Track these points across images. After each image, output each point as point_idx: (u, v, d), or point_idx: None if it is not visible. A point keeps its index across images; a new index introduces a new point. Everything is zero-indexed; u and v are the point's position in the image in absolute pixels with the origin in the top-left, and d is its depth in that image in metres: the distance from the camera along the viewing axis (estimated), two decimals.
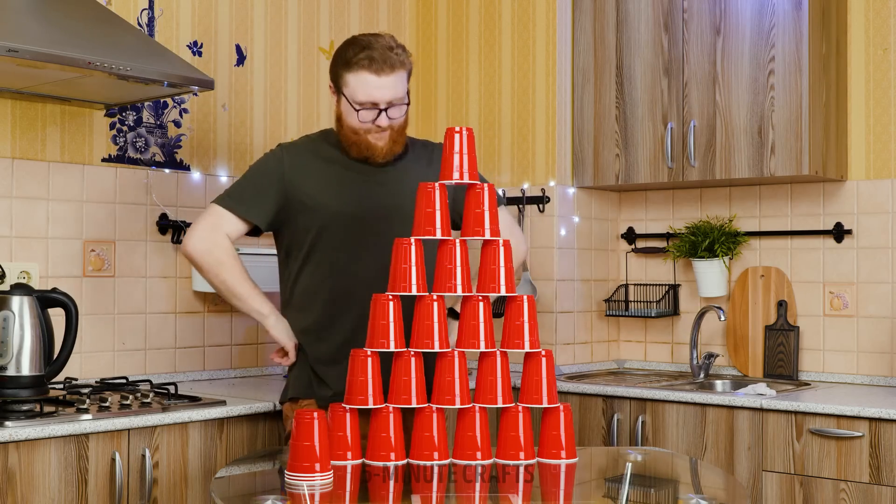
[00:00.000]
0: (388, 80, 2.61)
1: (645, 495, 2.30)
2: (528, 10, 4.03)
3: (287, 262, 2.79)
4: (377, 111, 2.62)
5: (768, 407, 3.11)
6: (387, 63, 2.60)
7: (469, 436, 2.29)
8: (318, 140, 2.81)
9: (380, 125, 2.64)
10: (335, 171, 2.73)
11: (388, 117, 2.64)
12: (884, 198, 3.54)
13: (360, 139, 2.67)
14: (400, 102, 2.65)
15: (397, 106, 2.65)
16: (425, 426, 2.27)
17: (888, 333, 3.51)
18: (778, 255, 3.76)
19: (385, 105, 2.62)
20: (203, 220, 2.74)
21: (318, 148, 2.77)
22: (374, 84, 2.60)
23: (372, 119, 2.63)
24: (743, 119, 3.48)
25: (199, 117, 3.62)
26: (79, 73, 2.79)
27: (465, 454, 2.28)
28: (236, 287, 2.73)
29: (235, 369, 3.69)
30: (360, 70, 2.60)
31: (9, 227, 3.14)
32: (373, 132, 2.66)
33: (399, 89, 2.64)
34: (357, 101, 2.62)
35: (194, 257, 2.72)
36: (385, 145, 2.68)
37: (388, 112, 2.63)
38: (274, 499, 2.03)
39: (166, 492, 2.75)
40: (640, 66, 3.72)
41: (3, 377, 2.68)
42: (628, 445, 3.37)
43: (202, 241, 2.71)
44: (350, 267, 2.70)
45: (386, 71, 2.60)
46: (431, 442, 2.26)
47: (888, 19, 3.53)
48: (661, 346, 4.00)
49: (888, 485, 2.91)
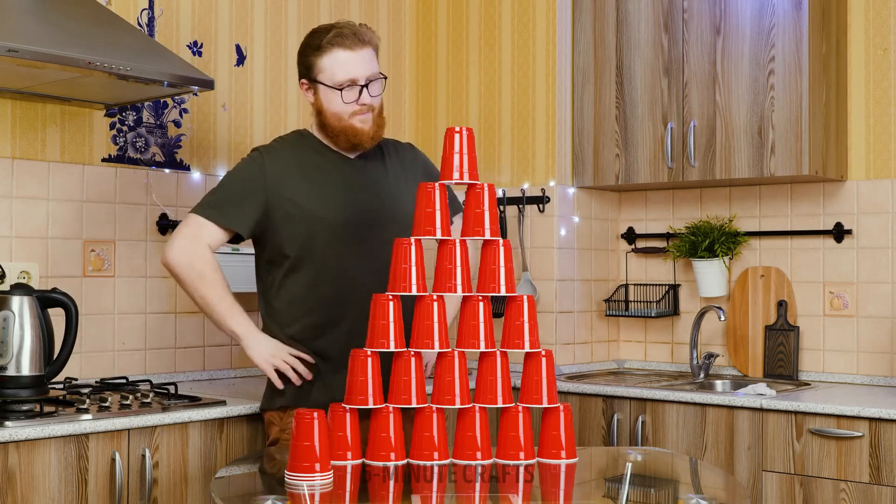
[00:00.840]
0: (363, 55, 2.64)
1: (645, 495, 2.30)
2: (528, 10, 4.03)
3: (270, 270, 2.75)
4: (359, 88, 2.64)
5: (768, 407, 3.11)
6: (357, 38, 2.64)
7: (469, 436, 2.29)
8: (296, 143, 2.79)
9: (364, 103, 2.65)
10: (319, 177, 2.71)
11: (370, 94, 2.66)
12: (884, 198, 3.54)
13: (345, 126, 2.67)
14: (377, 77, 2.68)
15: (376, 81, 2.68)
16: (425, 426, 2.27)
17: (888, 333, 3.51)
18: (778, 255, 3.76)
19: (364, 81, 2.65)
20: (183, 230, 2.69)
21: (298, 152, 2.75)
22: (351, 61, 2.63)
23: (355, 98, 2.64)
24: (743, 119, 3.48)
25: (199, 117, 3.62)
26: (79, 73, 2.79)
27: (465, 454, 2.28)
28: (216, 305, 2.68)
29: (235, 369, 3.69)
30: (334, 49, 2.63)
31: (9, 227, 3.14)
32: (357, 114, 2.66)
33: (374, 64, 2.67)
34: (336, 81, 2.64)
35: (175, 269, 2.69)
36: (370, 129, 2.69)
37: (369, 88, 2.65)
38: (274, 499, 2.03)
39: (166, 492, 2.75)
40: (640, 66, 3.72)
41: (3, 377, 2.68)
42: (628, 445, 3.37)
43: (183, 253, 2.67)
44: (340, 273, 2.68)
45: (358, 46, 2.64)
46: (431, 442, 2.26)
47: (888, 19, 3.53)
48: (661, 346, 4.00)
49: (888, 485, 2.91)
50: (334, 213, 2.68)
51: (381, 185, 2.75)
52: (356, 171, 2.74)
